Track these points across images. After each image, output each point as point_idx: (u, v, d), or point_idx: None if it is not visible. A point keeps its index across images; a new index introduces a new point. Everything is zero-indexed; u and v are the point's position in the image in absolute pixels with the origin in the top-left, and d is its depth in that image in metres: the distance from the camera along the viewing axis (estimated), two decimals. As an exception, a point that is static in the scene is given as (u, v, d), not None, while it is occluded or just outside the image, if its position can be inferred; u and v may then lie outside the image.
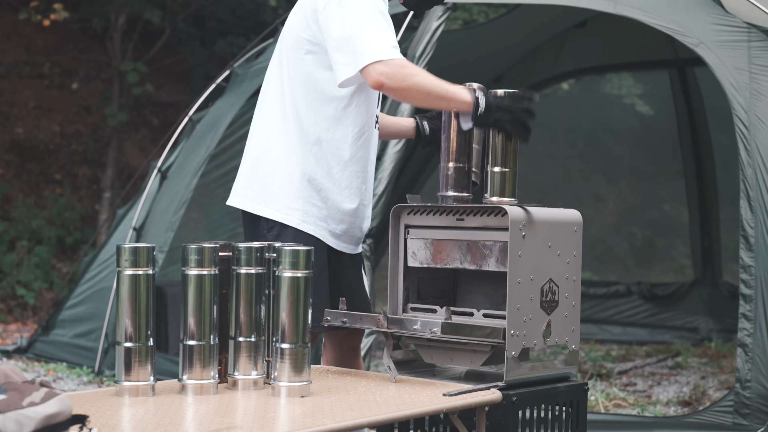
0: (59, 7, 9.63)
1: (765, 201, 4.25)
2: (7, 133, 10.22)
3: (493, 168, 2.83)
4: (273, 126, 3.01)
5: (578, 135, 10.82)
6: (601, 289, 8.12)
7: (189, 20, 11.04)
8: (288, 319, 2.46)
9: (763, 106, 4.38)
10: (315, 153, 2.93)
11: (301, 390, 2.47)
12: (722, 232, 8.08)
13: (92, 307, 6.18)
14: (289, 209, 2.92)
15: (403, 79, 2.76)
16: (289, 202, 2.92)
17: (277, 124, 2.99)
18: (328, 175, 2.94)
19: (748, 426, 4.08)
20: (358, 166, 2.98)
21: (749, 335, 4.15)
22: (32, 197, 9.84)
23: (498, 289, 2.80)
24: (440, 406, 2.42)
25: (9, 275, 8.86)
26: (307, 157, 2.93)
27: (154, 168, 6.36)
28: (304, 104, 2.94)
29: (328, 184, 2.94)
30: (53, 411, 1.86)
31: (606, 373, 6.16)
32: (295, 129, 2.95)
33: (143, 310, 2.40)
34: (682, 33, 4.68)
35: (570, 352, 2.82)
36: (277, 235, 2.92)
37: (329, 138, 2.93)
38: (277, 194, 2.94)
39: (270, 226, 2.94)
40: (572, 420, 2.80)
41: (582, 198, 10.92)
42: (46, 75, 10.79)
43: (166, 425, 2.12)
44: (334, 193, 2.94)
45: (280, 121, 2.98)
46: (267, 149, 3.00)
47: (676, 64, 7.85)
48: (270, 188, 2.95)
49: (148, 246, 2.42)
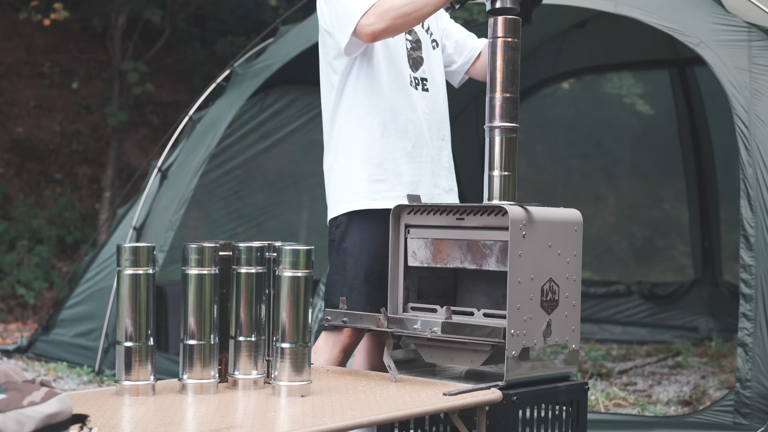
0: (59, 7, 9.63)
1: (765, 200, 4.25)
2: (7, 133, 10.22)
3: (492, 172, 2.83)
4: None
5: (578, 135, 10.81)
6: (601, 288, 8.12)
7: (189, 20, 11.04)
8: (288, 318, 2.47)
9: (763, 105, 4.38)
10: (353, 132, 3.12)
11: (302, 389, 2.47)
12: (722, 231, 8.07)
13: (92, 307, 6.18)
14: (352, 196, 3.08)
15: (384, 17, 2.98)
16: (352, 188, 3.09)
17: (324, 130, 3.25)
18: (374, 147, 3.09)
19: (748, 425, 4.08)
20: (397, 132, 3.10)
21: (749, 335, 4.14)
22: (32, 197, 9.84)
23: (498, 288, 2.80)
24: (440, 406, 2.42)
25: (9, 275, 8.86)
26: (348, 141, 3.12)
27: (155, 167, 6.36)
28: (335, 95, 3.16)
29: (379, 157, 3.08)
30: (53, 410, 1.86)
31: (606, 372, 6.16)
32: (330, 123, 3.18)
33: (143, 309, 2.40)
34: (682, 32, 4.68)
35: (570, 352, 2.82)
36: (342, 232, 3.07)
37: (353, 115, 3.12)
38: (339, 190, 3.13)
39: (337, 224, 3.10)
40: (572, 419, 2.80)
41: (582, 197, 10.91)
42: (46, 74, 10.79)
43: (166, 425, 2.12)
44: (389, 161, 3.08)
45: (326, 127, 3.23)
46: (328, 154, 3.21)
47: (677, 63, 7.85)
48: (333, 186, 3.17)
49: (149, 245, 2.42)
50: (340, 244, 3.07)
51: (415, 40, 3.22)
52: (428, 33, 3.28)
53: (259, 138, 6.79)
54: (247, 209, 7.40)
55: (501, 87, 2.85)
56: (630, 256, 10.91)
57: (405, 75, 3.15)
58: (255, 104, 6.53)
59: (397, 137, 3.11)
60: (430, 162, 3.17)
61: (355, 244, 3.04)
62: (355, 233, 3.05)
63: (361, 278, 3.02)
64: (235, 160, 6.84)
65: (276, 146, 6.91)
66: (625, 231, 11.24)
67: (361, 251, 3.03)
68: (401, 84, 3.14)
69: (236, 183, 7.13)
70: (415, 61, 3.20)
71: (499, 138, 2.84)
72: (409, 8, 2.96)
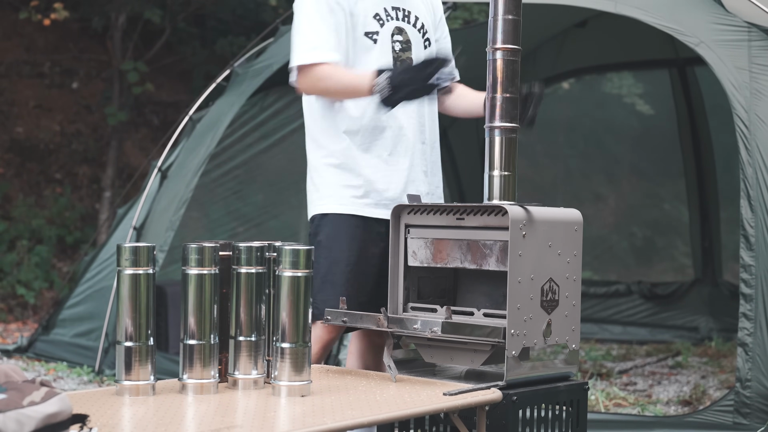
0: (59, 7, 9.63)
1: (765, 200, 4.25)
2: (7, 133, 10.22)
3: (492, 172, 2.83)
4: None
5: (578, 134, 10.80)
6: (601, 288, 8.12)
7: (189, 20, 11.04)
8: (288, 318, 2.47)
9: (763, 105, 4.38)
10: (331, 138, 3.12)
11: (302, 389, 2.47)
12: (722, 231, 8.07)
13: (92, 307, 6.18)
14: (321, 200, 3.11)
15: (313, 86, 3.05)
16: (325, 191, 3.11)
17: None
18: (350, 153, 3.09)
19: (748, 425, 4.08)
20: (373, 139, 3.09)
21: (749, 334, 4.14)
22: (32, 197, 9.84)
23: (498, 288, 2.80)
24: (440, 406, 2.42)
25: (9, 275, 8.86)
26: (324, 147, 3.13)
27: (155, 167, 6.36)
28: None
29: (352, 162, 3.08)
30: (53, 410, 1.86)
31: (606, 372, 6.16)
32: (308, 125, 3.19)
33: (143, 309, 2.40)
34: (682, 32, 4.68)
35: (570, 352, 2.82)
36: (316, 226, 3.09)
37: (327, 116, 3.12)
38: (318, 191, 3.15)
39: (312, 220, 3.13)
40: (572, 419, 2.80)
41: (582, 197, 10.90)
42: (46, 74, 10.79)
43: (166, 425, 2.12)
44: (363, 167, 3.08)
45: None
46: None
47: (677, 63, 7.85)
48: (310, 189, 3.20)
49: (149, 245, 2.42)
50: (314, 238, 3.12)
51: (405, 41, 3.16)
52: (421, 32, 3.22)
53: (259, 138, 6.79)
54: (247, 209, 7.39)
55: (501, 87, 2.85)
56: (630, 256, 10.90)
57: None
58: (255, 104, 6.53)
59: (372, 144, 3.09)
60: (406, 170, 3.13)
61: (328, 237, 3.08)
62: (329, 227, 3.09)
63: (332, 270, 3.04)
64: (235, 160, 6.83)
65: (276, 146, 6.91)
66: (625, 231, 11.23)
67: (334, 243, 3.06)
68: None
69: (236, 183, 7.13)
70: (404, 64, 3.14)
71: (499, 138, 2.84)
72: (339, 90, 3.01)
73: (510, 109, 2.84)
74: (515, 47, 2.84)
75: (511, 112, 2.84)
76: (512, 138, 2.85)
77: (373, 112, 3.06)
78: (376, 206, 3.09)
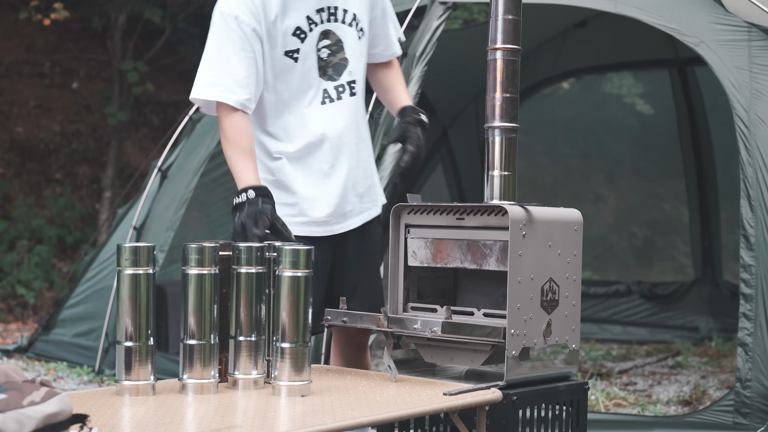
0: (59, 7, 9.64)
1: (765, 200, 4.25)
2: (7, 133, 10.22)
3: (492, 172, 2.83)
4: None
5: (578, 134, 10.80)
6: (601, 288, 8.12)
7: (189, 19, 11.04)
8: (288, 318, 2.47)
9: (763, 105, 4.38)
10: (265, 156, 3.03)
11: (302, 389, 2.47)
12: (722, 231, 8.07)
13: (92, 307, 6.18)
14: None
15: (222, 136, 2.91)
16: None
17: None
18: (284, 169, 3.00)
19: (748, 425, 4.08)
20: (309, 154, 3.00)
21: (749, 334, 4.15)
22: (32, 196, 9.85)
23: (498, 288, 2.80)
24: (440, 406, 2.42)
25: (9, 274, 8.87)
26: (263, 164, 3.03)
27: (155, 167, 6.36)
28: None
29: (287, 179, 3.00)
30: (53, 410, 1.86)
31: (606, 372, 6.16)
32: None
33: (143, 309, 2.40)
34: (682, 32, 4.69)
35: (570, 352, 2.82)
36: None
37: (263, 135, 3.03)
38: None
39: None
40: (572, 419, 2.80)
41: (582, 197, 10.91)
42: (46, 74, 10.79)
43: (166, 425, 2.12)
44: (298, 185, 3.00)
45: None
46: None
47: (677, 63, 7.85)
48: None
49: (149, 245, 2.42)
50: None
51: (334, 43, 3.02)
52: (352, 24, 3.05)
53: (259, 138, 6.77)
54: (247, 209, 7.38)
55: (501, 87, 2.85)
56: (630, 256, 10.91)
57: (316, 96, 3.00)
58: (255, 104, 6.52)
59: (310, 159, 3.01)
60: (345, 177, 3.05)
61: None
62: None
63: None
64: (235, 160, 6.82)
65: (276, 146, 6.90)
66: (625, 231, 11.24)
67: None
68: (312, 104, 2.99)
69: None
70: (337, 68, 3.02)
71: (499, 138, 2.84)
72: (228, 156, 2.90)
73: (510, 109, 2.84)
74: (515, 47, 2.84)
75: (511, 112, 2.84)
76: (512, 138, 2.85)
77: (311, 127, 2.97)
78: (311, 224, 3.01)
